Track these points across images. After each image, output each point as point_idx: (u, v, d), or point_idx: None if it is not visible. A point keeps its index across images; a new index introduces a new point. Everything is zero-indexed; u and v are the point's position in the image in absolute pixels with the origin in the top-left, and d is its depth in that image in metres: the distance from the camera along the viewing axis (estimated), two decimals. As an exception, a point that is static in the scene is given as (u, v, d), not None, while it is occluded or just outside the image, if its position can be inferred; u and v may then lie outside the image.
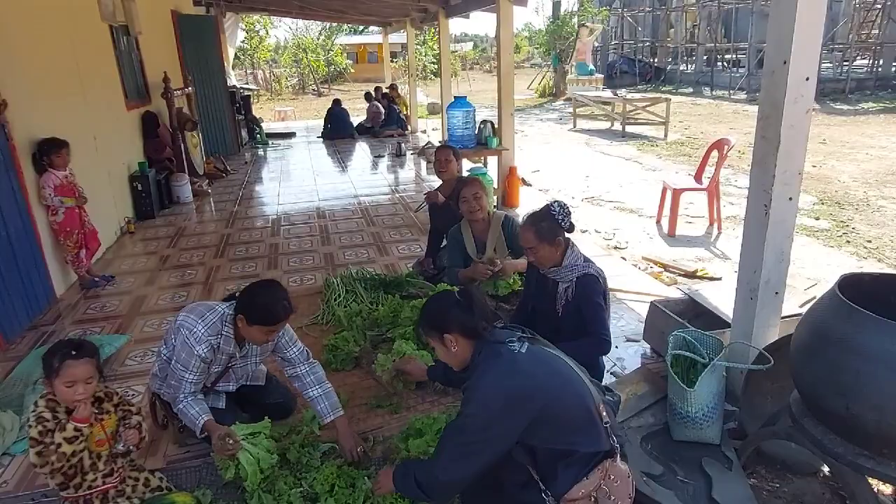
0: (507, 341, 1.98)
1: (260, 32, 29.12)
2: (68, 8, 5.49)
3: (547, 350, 2.06)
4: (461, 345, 2.05)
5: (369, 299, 4.07)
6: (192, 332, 2.47)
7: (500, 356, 1.94)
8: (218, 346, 2.52)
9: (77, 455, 2.09)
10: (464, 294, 2.14)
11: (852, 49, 18.50)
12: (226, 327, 2.52)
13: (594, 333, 2.76)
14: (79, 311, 4.42)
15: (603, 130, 13.75)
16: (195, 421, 2.47)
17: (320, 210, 7.12)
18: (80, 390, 2.05)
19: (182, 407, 2.50)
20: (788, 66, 2.32)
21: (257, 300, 2.44)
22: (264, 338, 2.50)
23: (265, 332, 2.46)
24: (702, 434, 2.58)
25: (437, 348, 2.14)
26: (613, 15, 27.29)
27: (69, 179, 4.62)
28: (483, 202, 3.79)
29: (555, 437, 1.89)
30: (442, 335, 2.06)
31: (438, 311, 2.12)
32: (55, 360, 2.04)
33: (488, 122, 6.99)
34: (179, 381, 2.49)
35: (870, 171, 8.47)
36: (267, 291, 2.49)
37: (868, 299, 1.93)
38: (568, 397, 1.93)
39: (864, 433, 1.91)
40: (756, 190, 2.58)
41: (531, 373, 1.91)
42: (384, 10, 12.41)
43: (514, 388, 1.86)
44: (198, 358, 2.46)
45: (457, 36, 47.29)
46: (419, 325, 2.23)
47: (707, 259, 5.28)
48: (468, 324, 2.03)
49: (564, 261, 2.80)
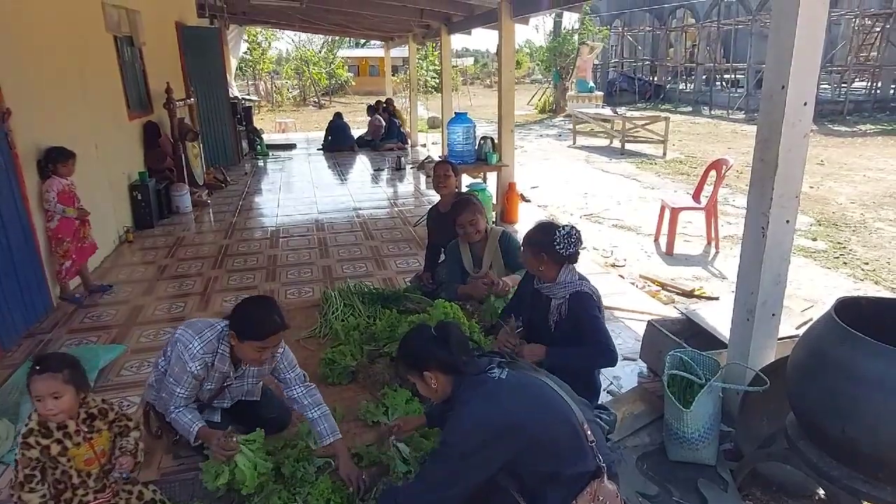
0: (488, 370, 1.99)
1: (262, 44, 29.35)
2: (74, 18, 5.54)
3: (528, 374, 2.07)
4: (441, 381, 2.05)
5: (367, 313, 4.07)
6: (188, 347, 2.44)
7: (482, 385, 1.95)
8: (212, 365, 2.49)
9: (39, 462, 2.07)
10: (441, 329, 2.13)
11: (850, 71, 18.66)
12: (222, 345, 2.49)
13: (598, 343, 2.73)
14: (76, 319, 4.41)
15: (602, 147, 13.83)
16: (189, 429, 2.45)
17: (319, 222, 7.13)
18: (48, 405, 2.00)
19: (174, 416, 2.48)
20: (787, 91, 2.35)
21: (248, 315, 2.40)
22: (257, 356, 2.42)
23: (257, 348, 2.39)
24: (698, 455, 2.58)
25: (418, 384, 2.14)
26: (614, 33, 27.58)
27: (70, 188, 4.63)
28: (480, 225, 3.82)
29: (540, 461, 1.89)
30: (422, 372, 2.07)
31: (416, 348, 2.11)
32: (27, 377, 2.03)
33: (488, 139, 7.03)
34: (171, 394, 2.49)
35: (867, 193, 8.52)
36: (258, 307, 2.45)
37: (864, 323, 1.94)
38: (551, 420, 1.93)
39: (860, 456, 1.92)
40: (754, 212, 2.60)
41: (513, 401, 1.92)
42: (387, 25, 12.53)
43: (495, 420, 1.87)
44: (190, 374, 2.44)
45: (458, 51, 47.66)
46: (397, 362, 2.22)
47: (704, 278, 5.29)
48: (447, 360, 2.04)
49: (559, 277, 2.81)
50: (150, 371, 3.55)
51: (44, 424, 2.07)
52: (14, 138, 4.20)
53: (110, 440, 2.21)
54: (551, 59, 23.53)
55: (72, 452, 2.10)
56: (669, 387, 2.67)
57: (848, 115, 17.21)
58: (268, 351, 2.43)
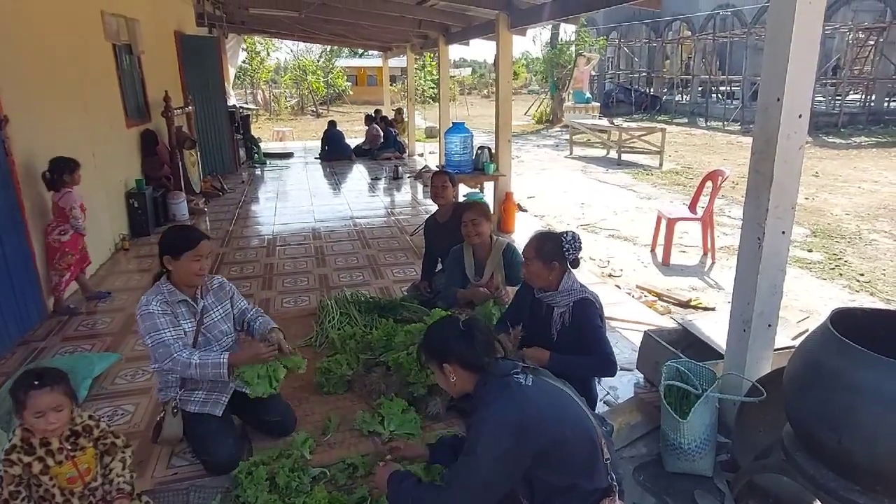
0: (512, 373, 1.94)
1: (261, 53, 29.45)
2: (73, 26, 5.56)
3: (551, 383, 2.02)
4: (460, 376, 2.01)
5: (363, 322, 4.06)
6: (140, 303, 2.64)
7: (507, 388, 1.90)
8: (167, 300, 2.67)
9: (23, 479, 2.05)
10: (468, 325, 2.07)
11: (845, 84, 18.82)
12: (164, 285, 2.71)
13: (600, 353, 2.75)
14: (70, 327, 4.39)
15: (599, 158, 13.88)
16: (218, 363, 2.58)
17: (316, 231, 7.13)
18: (51, 419, 1.99)
19: (198, 361, 2.56)
20: (782, 104, 2.37)
21: (173, 236, 2.73)
22: (196, 266, 2.66)
23: (193, 257, 2.64)
24: (694, 466, 2.58)
25: (437, 374, 2.11)
26: (610, 45, 27.75)
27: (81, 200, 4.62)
28: (481, 229, 3.81)
29: (559, 473, 1.86)
30: (441, 364, 2.04)
31: (439, 339, 2.08)
32: (20, 393, 1.98)
33: (486, 148, 7.06)
34: (165, 345, 2.56)
35: (862, 205, 8.56)
36: (178, 228, 2.87)
37: (860, 334, 1.94)
38: (576, 432, 1.89)
39: (857, 468, 1.91)
40: (750, 223, 2.61)
41: (540, 405, 1.87)
42: (385, 35, 12.59)
43: (524, 420, 1.81)
44: (157, 314, 2.60)
45: (456, 61, 47.90)
46: (420, 348, 2.21)
47: (701, 289, 5.30)
48: (469, 357, 2.00)
49: (560, 285, 2.81)
50: (145, 380, 3.57)
51: (27, 441, 2.04)
52: (11, 146, 4.19)
53: (95, 457, 2.17)
54: (548, 70, 23.68)
55: (54, 471, 2.06)
56: (666, 397, 2.66)
57: (843, 127, 17.33)
58: (204, 260, 2.70)
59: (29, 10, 4.67)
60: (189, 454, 2.82)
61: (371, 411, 3.07)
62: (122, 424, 3.10)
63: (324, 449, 2.83)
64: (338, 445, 2.86)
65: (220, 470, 2.64)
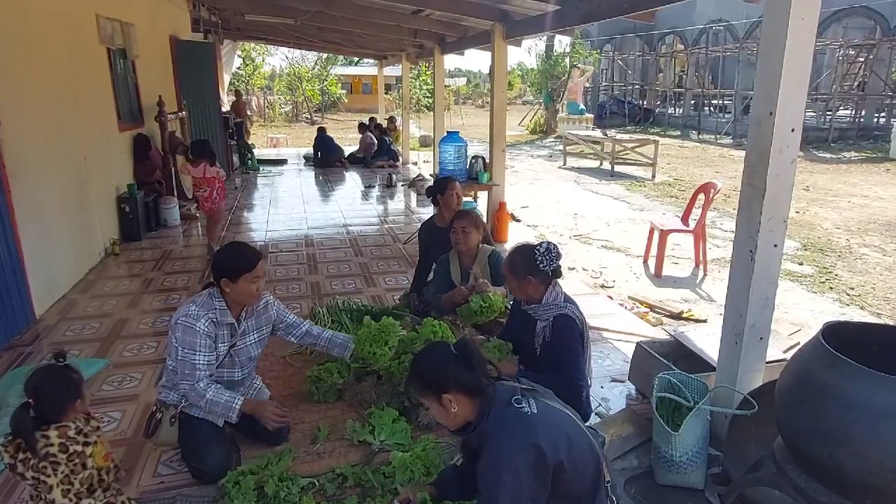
0: (514, 401, 1.85)
1: (256, 60, 29.46)
2: (68, 30, 5.53)
3: (553, 406, 1.95)
4: (462, 404, 1.88)
5: (355, 330, 4.02)
6: (189, 314, 2.57)
7: (513, 422, 1.81)
8: (216, 320, 2.63)
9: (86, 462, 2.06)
10: (460, 347, 1.96)
11: (835, 99, 19.03)
12: (216, 301, 2.65)
13: (568, 375, 2.73)
14: (58, 332, 4.34)
15: (592, 169, 13.94)
16: (231, 405, 2.58)
17: (308, 238, 7.10)
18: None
19: (211, 397, 2.56)
20: (774, 118, 2.39)
21: (230, 256, 2.67)
22: (252, 288, 2.63)
23: (250, 279, 2.61)
24: (686, 478, 2.57)
25: (433, 409, 1.96)
26: (604, 57, 27.98)
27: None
28: (470, 237, 3.80)
29: (565, 500, 1.83)
30: (440, 396, 1.88)
31: (435, 368, 1.92)
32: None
33: (480, 158, 7.07)
34: (191, 367, 2.54)
35: (852, 219, 8.63)
36: (233, 248, 2.77)
37: (852, 348, 1.94)
38: (583, 458, 1.86)
39: (848, 482, 1.91)
40: (742, 236, 2.62)
41: (550, 436, 1.79)
42: (381, 44, 12.62)
43: (538, 457, 1.74)
44: (202, 334, 2.54)
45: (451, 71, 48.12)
46: (410, 383, 2.02)
47: (693, 300, 5.31)
48: (469, 382, 1.88)
49: (543, 299, 2.80)
50: (132, 386, 3.53)
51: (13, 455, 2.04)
52: (2, 148, 4.16)
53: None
54: (543, 81, 23.83)
55: (95, 450, 2.10)
56: (658, 409, 2.66)
57: (833, 142, 17.52)
58: (260, 280, 2.67)
59: (23, 13, 4.65)
60: (176, 462, 2.79)
61: (362, 420, 3.05)
62: (109, 432, 3.05)
63: (313, 458, 2.80)
64: (327, 455, 2.83)
65: (209, 478, 2.61)
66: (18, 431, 1.95)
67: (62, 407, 2.01)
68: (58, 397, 2.01)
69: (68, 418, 2.03)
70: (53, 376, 2.03)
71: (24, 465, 1.95)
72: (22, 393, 2.00)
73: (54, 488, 1.96)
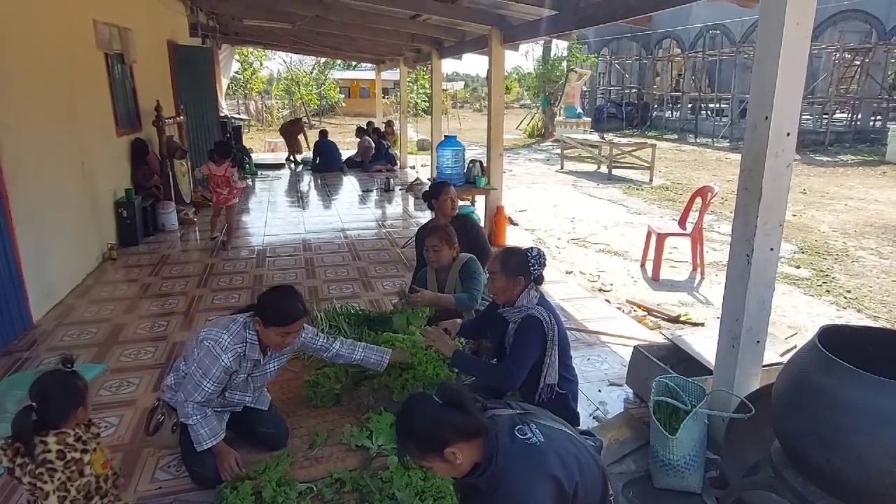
0: (517, 431, 1.79)
1: (254, 64, 29.47)
2: (65, 35, 5.54)
3: (555, 428, 1.91)
4: (466, 452, 1.73)
5: (353, 335, 4.03)
6: (219, 342, 2.52)
7: (524, 456, 1.74)
8: (244, 355, 2.59)
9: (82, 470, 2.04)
10: (444, 393, 1.78)
11: (832, 102, 19.11)
12: (249, 334, 2.60)
13: (506, 364, 2.78)
14: (55, 337, 4.33)
15: (590, 172, 13.96)
16: (201, 441, 2.55)
17: (306, 242, 7.10)
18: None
19: (195, 422, 2.54)
20: (770, 122, 2.39)
21: (273, 303, 2.56)
22: (280, 341, 2.56)
23: (280, 333, 2.54)
24: (684, 482, 2.57)
25: (436, 467, 1.79)
26: (602, 61, 28.05)
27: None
28: (441, 254, 3.81)
29: None
30: (442, 452, 1.71)
31: (428, 427, 1.73)
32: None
33: (477, 162, 7.08)
34: (196, 387, 2.52)
35: (848, 222, 8.66)
36: (283, 295, 2.61)
37: (848, 351, 1.95)
38: (590, 481, 1.84)
39: (846, 486, 1.91)
40: (738, 240, 2.63)
41: (562, 464, 1.75)
42: (378, 48, 12.65)
43: (555, 493, 1.69)
44: (221, 367, 2.51)
45: (448, 75, 48.13)
46: (404, 451, 1.87)
47: (690, 304, 5.32)
48: (470, 426, 1.73)
49: (518, 301, 2.82)
50: (130, 391, 3.52)
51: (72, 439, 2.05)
52: (0, 152, 4.16)
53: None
54: (540, 85, 23.88)
55: (93, 458, 2.09)
56: (655, 413, 2.66)
57: (829, 145, 17.57)
58: (290, 336, 2.60)
59: (20, 18, 4.65)
60: (174, 468, 2.79)
61: (359, 425, 3.05)
62: (106, 437, 3.04)
63: (311, 463, 2.80)
64: (325, 459, 2.83)
65: (207, 483, 2.60)
66: (18, 435, 1.94)
67: (65, 413, 2.01)
68: (62, 403, 2.00)
69: (69, 425, 2.03)
70: (59, 381, 2.03)
71: (21, 470, 1.94)
72: (20, 398, 2.00)
73: (50, 495, 1.95)
